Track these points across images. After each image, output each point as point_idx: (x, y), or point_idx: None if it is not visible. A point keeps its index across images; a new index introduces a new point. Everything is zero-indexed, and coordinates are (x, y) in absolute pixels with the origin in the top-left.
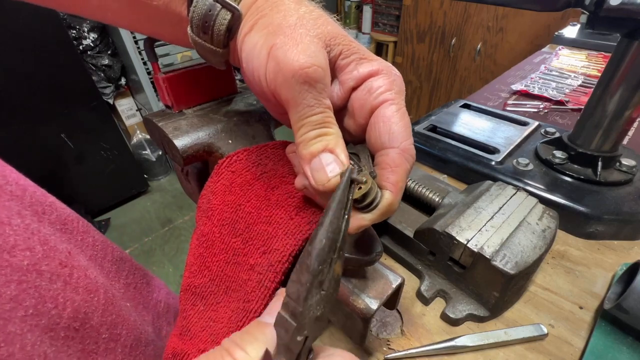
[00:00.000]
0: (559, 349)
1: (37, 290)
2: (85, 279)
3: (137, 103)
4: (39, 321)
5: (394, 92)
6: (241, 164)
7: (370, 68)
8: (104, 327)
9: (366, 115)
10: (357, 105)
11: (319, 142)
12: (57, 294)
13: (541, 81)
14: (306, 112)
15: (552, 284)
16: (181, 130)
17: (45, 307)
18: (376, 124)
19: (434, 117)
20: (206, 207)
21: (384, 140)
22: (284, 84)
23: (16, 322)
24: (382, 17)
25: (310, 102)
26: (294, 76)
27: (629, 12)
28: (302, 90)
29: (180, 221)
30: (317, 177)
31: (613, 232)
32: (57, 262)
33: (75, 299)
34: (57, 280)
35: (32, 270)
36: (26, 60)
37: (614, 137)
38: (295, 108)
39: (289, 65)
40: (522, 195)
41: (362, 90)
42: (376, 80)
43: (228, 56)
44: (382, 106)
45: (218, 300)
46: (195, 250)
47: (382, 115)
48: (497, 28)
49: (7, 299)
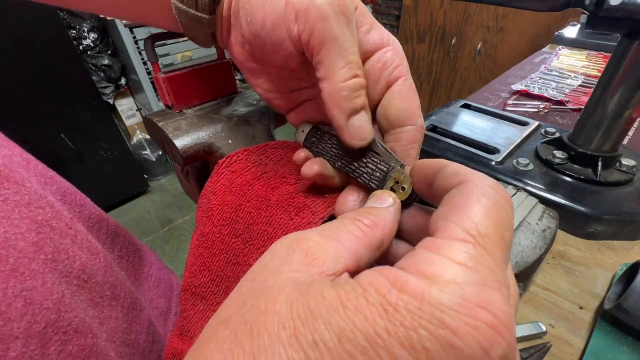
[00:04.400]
0: (559, 349)
1: (52, 241)
2: (87, 242)
3: (137, 103)
4: (56, 266)
5: (405, 65)
6: (241, 164)
7: (380, 38)
8: (106, 285)
9: (381, 90)
10: (371, 79)
11: (361, 97)
12: (67, 247)
13: (541, 81)
14: (348, 49)
15: (552, 284)
16: (181, 130)
17: (60, 257)
18: (394, 100)
19: (434, 117)
20: (206, 207)
21: (403, 117)
22: (320, 18)
23: (39, 262)
24: (382, 16)
25: (349, 37)
26: (331, 5)
27: (629, 12)
28: (341, 22)
29: (180, 221)
30: (358, 135)
31: (613, 232)
32: (63, 224)
33: (82, 256)
34: (66, 237)
35: (45, 225)
36: (26, 60)
37: (614, 137)
38: (335, 44)
39: None
40: (522, 195)
41: (375, 62)
42: (387, 53)
43: (214, 28)
44: (398, 82)
45: (218, 300)
46: (196, 250)
47: (400, 92)
48: (497, 28)
49: (30, 243)
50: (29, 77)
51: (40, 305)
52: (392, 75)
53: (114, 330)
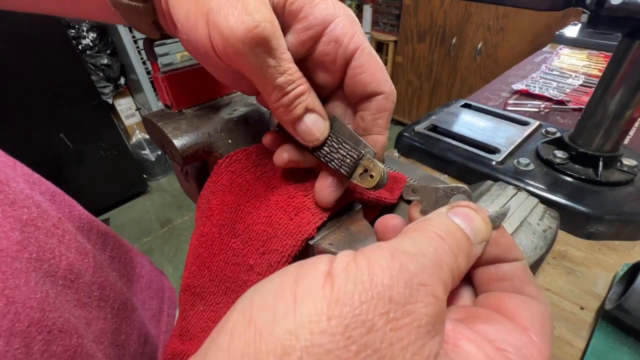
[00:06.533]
0: (559, 350)
1: (37, 241)
2: (75, 242)
3: (136, 103)
4: (40, 265)
5: (359, 34)
6: (241, 164)
7: (325, 12)
8: (94, 286)
9: (341, 68)
10: (328, 60)
11: (298, 106)
12: (53, 247)
13: (542, 81)
14: (271, 77)
15: (553, 284)
16: (181, 130)
17: (45, 256)
18: (357, 75)
19: (434, 117)
20: (205, 207)
21: (369, 89)
22: (237, 54)
23: (22, 261)
24: (382, 16)
25: (270, 63)
26: (244, 43)
27: (630, 12)
28: (258, 55)
29: (180, 221)
30: (307, 138)
31: (614, 232)
32: (50, 224)
33: (69, 256)
34: (52, 237)
35: (30, 224)
36: (25, 59)
37: (615, 137)
38: (258, 76)
39: (234, 33)
40: (523, 196)
41: (327, 43)
42: (338, 27)
43: (155, 16)
44: (356, 55)
45: (218, 300)
46: (195, 250)
47: (360, 65)
48: (498, 27)
49: (14, 242)
50: (28, 76)
51: (24, 304)
52: (348, 50)
53: (103, 331)
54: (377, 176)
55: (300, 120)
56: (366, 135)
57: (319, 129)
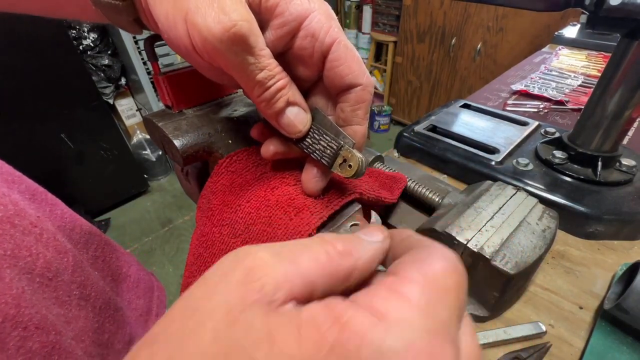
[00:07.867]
0: (559, 349)
1: (13, 238)
2: (54, 241)
3: (137, 103)
4: (16, 262)
5: (335, 27)
6: (241, 164)
7: (301, 7)
8: (74, 285)
9: (318, 62)
10: (306, 54)
11: (279, 100)
12: (30, 245)
13: (541, 81)
14: (251, 73)
15: (552, 284)
16: (181, 130)
17: (21, 254)
18: (335, 68)
19: (434, 117)
20: (206, 207)
21: (347, 81)
22: (216, 53)
23: None
24: (382, 17)
25: (250, 60)
26: (222, 42)
27: (628, 12)
28: (237, 52)
29: (180, 221)
30: (290, 130)
31: (613, 232)
32: (27, 222)
33: (47, 254)
34: (29, 235)
35: (6, 222)
36: (26, 60)
37: (614, 137)
38: (239, 73)
39: (212, 32)
40: (522, 195)
41: (304, 37)
42: (313, 21)
43: (136, 13)
44: (333, 48)
45: None
46: (195, 250)
47: (337, 58)
48: (497, 28)
49: None
50: (29, 77)
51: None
52: (324, 44)
53: (83, 329)
54: (355, 166)
55: (283, 114)
56: (346, 126)
57: (301, 121)
